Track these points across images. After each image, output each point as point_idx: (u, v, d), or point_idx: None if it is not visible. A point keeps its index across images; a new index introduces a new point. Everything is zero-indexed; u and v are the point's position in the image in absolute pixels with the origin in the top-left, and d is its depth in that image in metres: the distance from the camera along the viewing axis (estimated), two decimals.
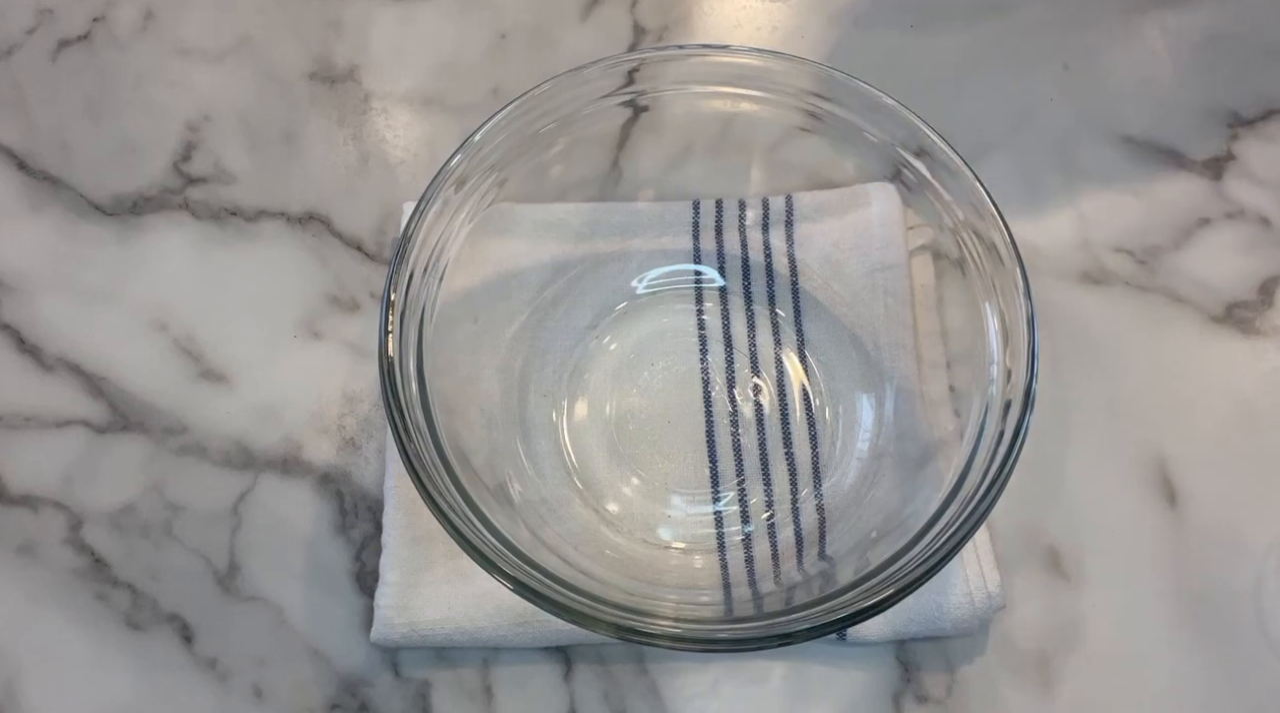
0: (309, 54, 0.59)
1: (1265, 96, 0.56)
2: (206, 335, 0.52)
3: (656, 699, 0.45)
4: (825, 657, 0.45)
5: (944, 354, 0.48)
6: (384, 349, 0.41)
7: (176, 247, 0.54)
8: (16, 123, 0.57)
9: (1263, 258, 0.53)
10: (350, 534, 0.48)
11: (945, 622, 0.44)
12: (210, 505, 0.48)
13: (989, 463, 0.40)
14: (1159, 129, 0.56)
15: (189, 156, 0.56)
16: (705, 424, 0.49)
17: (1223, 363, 0.51)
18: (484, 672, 0.45)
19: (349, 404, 0.50)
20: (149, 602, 0.47)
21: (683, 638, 0.37)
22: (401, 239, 0.43)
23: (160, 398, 0.50)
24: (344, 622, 0.46)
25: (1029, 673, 0.45)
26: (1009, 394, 0.41)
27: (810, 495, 0.47)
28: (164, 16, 0.59)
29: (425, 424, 0.41)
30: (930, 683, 0.45)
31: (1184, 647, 0.45)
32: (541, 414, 0.49)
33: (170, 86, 0.58)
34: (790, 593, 0.43)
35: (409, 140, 0.57)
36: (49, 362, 0.51)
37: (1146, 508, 0.48)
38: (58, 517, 0.48)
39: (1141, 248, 0.53)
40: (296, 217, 0.55)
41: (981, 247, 0.43)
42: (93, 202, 0.55)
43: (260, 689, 0.45)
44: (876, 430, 0.47)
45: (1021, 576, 0.47)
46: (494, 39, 0.59)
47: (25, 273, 0.53)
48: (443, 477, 0.40)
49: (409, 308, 0.43)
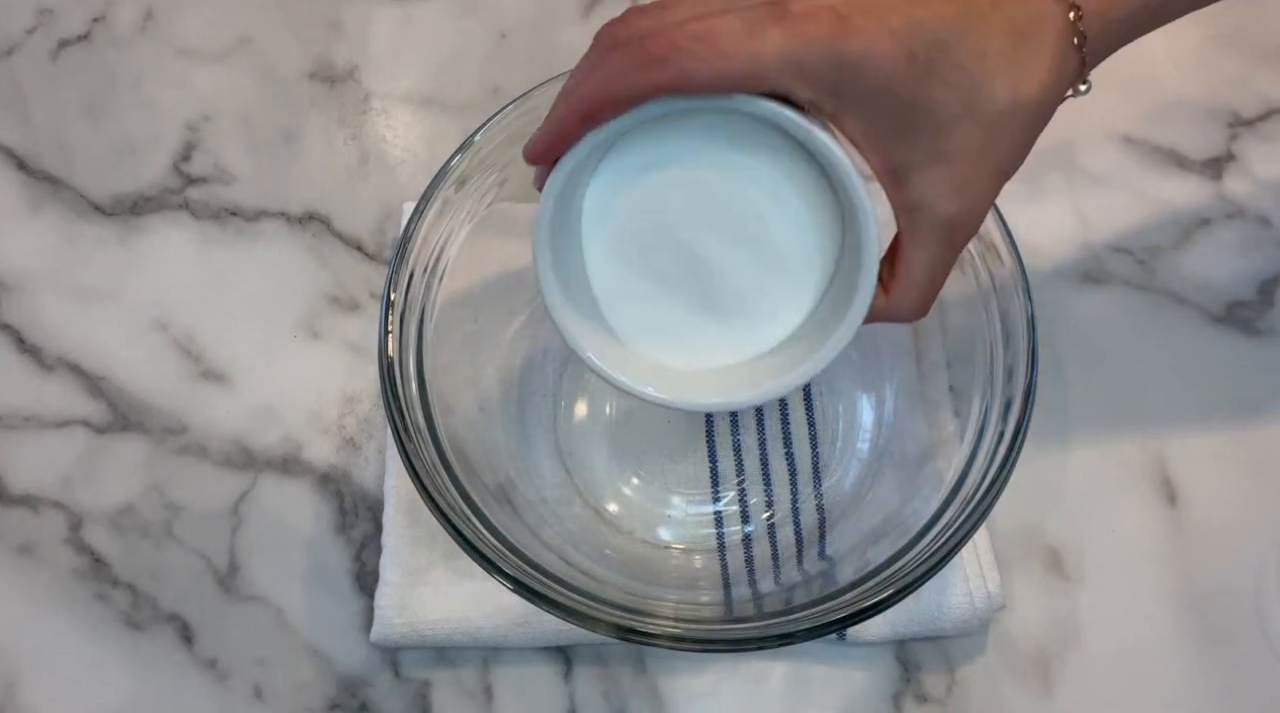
0: (309, 54, 0.59)
1: (1265, 96, 0.56)
2: (206, 335, 0.52)
3: (656, 699, 0.45)
4: (825, 657, 0.45)
5: (944, 354, 0.47)
6: (384, 349, 0.41)
7: (176, 247, 0.54)
8: (16, 123, 0.57)
9: (1263, 258, 0.53)
10: (350, 534, 0.48)
11: (945, 622, 0.44)
12: (210, 505, 0.48)
13: (989, 463, 0.40)
14: (1159, 129, 0.56)
15: (189, 156, 0.56)
16: (705, 424, 0.48)
17: (1223, 363, 0.51)
18: (484, 672, 0.45)
19: (349, 404, 0.50)
20: (149, 602, 0.47)
21: (683, 638, 0.37)
22: (401, 239, 0.43)
23: (160, 398, 0.50)
24: (344, 622, 0.46)
25: (1029, 673, 0.45)
26: (1009, 394, 0.41)
27: (810, 495, 0.47)
28: (164, 16, 0.59)
29: (425, 424, 0.41)
30: (930, 683, 0.45)
31: (1184, 647, 0.45)
32: (541, 414, 0.49)
33: (170, 86, 0.58)
34: (790, 593, 0.43)
35: (409, 140, 0.57)
36: (49, 362, 0.51)
37: (1146, 508, 0.48)
38: (58, 517, 0.48)
39: (1141, 248, 0.53)
40: (296, 217, 0.55)
41: (981, 246, 0.43)
42: (93, 202, 0.55)
43: (260, 689, 0.45)
44: (876, 430, 0.47)
45: (1021, 576, 0.47)
46: (494, 39, 0.59)
47: (25, 273, 0.53)
48: (443, 477, 0.40)
49: (409, 308, 0.42)
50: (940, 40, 0.31)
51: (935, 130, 0.32)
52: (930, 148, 0.32)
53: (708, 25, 0.30)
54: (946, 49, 0.31)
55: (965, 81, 0.31)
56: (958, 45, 0.31)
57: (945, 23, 0.31)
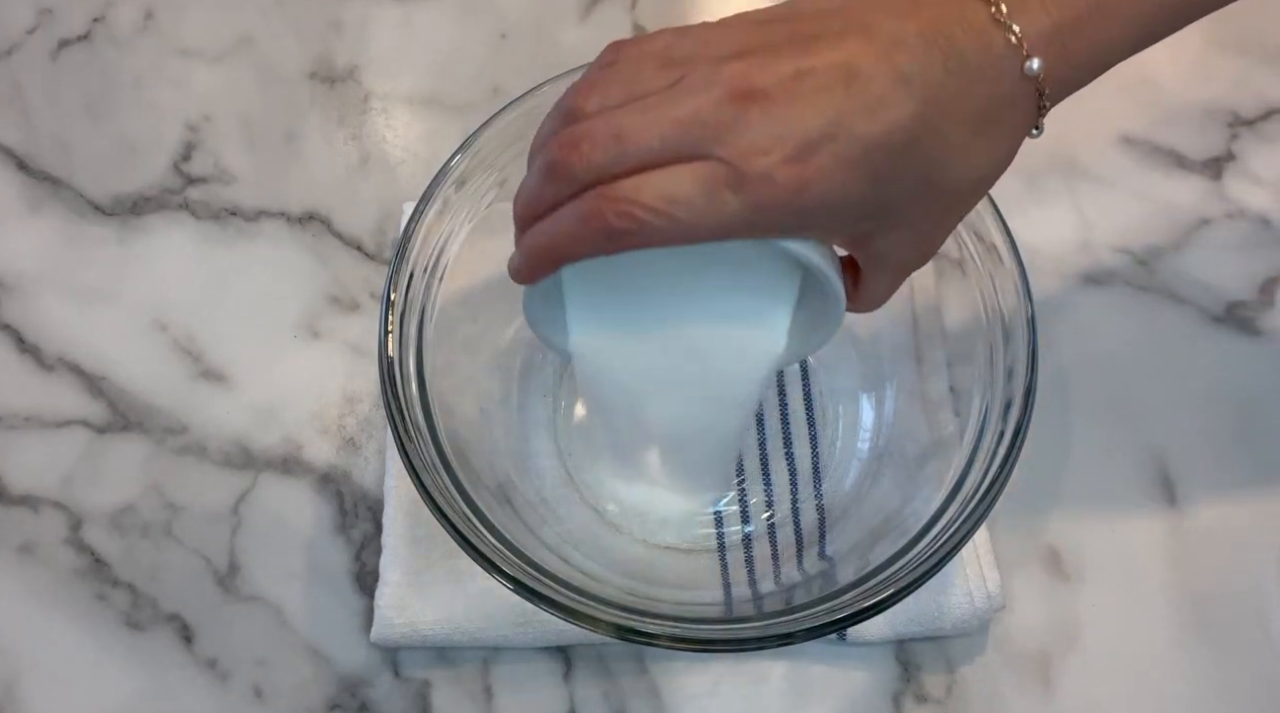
0: (309, 54, 0.59)
1: (1265, 96, 0.56)
2: (206, 335, 0.52)
3: (656, 699, 0.45)
4: (825, 657, 0.45)
5: (944, 354, 0.47)
6: (384, 349, 0.41)
7: (176, 247, 0.54)
8: (16, 123, 0.57)
9: (1263, 258, 0.53)
10: (350, 534, 0.48)
11: (945, 622, 0.44)
12: (210, 505, 0.48)
13: (989, 463, 0.40)
14: (1159, 129, 0.56)
15: (189, 156, 0.56)
16: None
17: (1223, 363, 0.51)
18: (484, 672, 0.45)
19: (349, 404, 0.50)
20: (149, 602, 0.47)
21: (683, 638, 0.37)
22: (401, 239, 0.43)
23: (160, 398, 0.50)
24: (344, 622, 0.46)
25: (1029, 673, 0.45)
26: (1009, 394, 0.41)
27: (810, 495, 0.47)
28: (164, 16, 0.59)
29: (425, 424, 0.41)
30: (930, 683, 0.45)
31: (1184, 647, 0.45)
32: (541, 414, 0.49)
33: (170, 86, 0.58)
34: (790, 593, 0.43)
35: (409, 140, 0.57)
36: (49, 362, 0.51)
37: (1146, 508, 0.48)
38: (58, 517, 0.48)
39: (1141, 248, 0.53)
40: (296, 217, 0.55)
41: (981, 247, 0.43)
42: (93, 202, 0.55)
43: (260, 689, 0.45)
44: (876, 430, 0.47)
45: (1021, 576, 0.47)
46: (494, 39, 0.59)
47: (25, 273, 0.53)
48: (443, 477, 0.40)
49: (409, 308, 0.42)
50: (900, 148, 0.31)
51: (896, 211, 0.33)
52: (890, 222, 0.33)
53: (665, 193, 0.31)
54: (906, 153, 0.31)
55: (924, 170, 0.32)
56: (918, 146, 0.31)
57: (905, 132, 0.31)
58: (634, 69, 0.32)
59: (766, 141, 0.30)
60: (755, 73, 0.31)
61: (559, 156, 0.32)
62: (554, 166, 0.32)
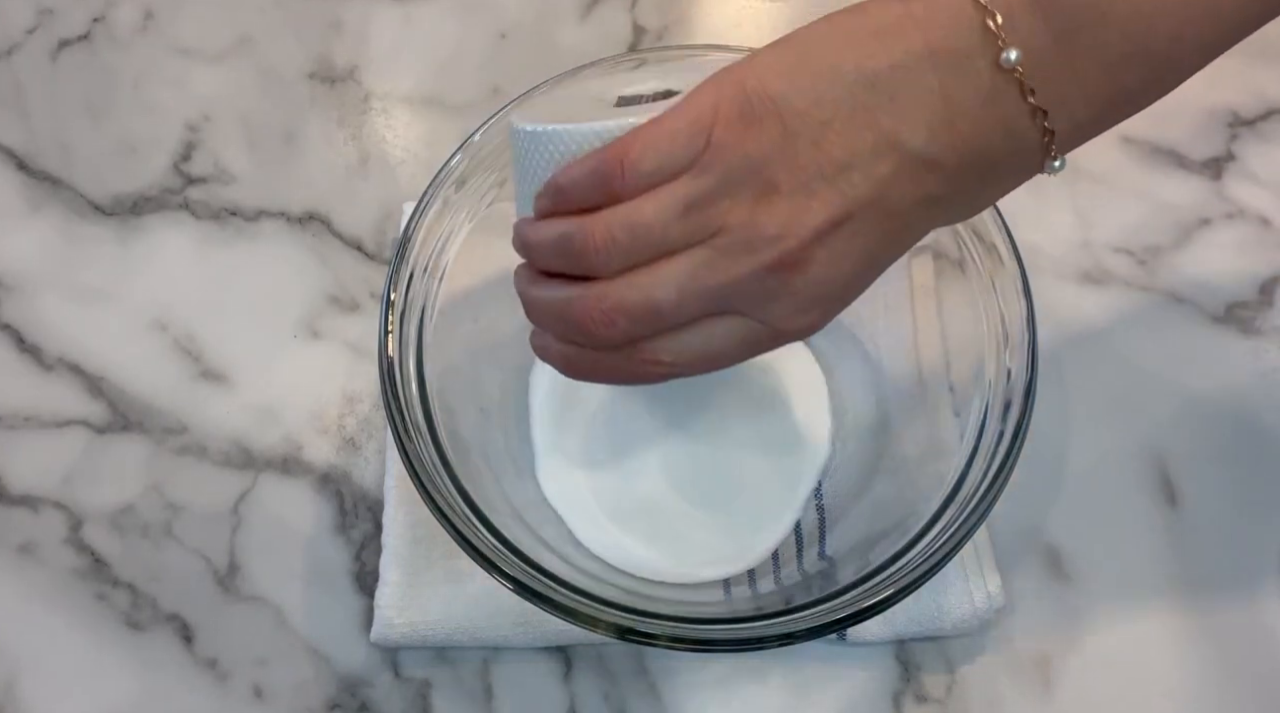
0: (309, 54, 0.59)
1: (1265, 96, 0.56)
2: (206, 335, 0.52)
3: (656, 699, 0.45)
4: (825, 657, 0.45)
5: (944, 354, 0.47)
6: (384, 349, 0.41)
7: (176, 247, 0.54)
8: (16, 123, 0.57)
9: (1263, 258, 0.53)
10: (350, 534, 0.48)
11: (945, 622, 0.44)
12: (210, 505, 0.48)
13: (989, 463, 0.40)
14: (1159, 129, 0.56)
15: (189, 156, 0.56)
16: None
17: (1223, 363, 0.51)
18: (484, 672, 0.45)
19: (349, 404, 0.50)
20: (149, 602, 0.47)
21: (683, 638, 0.37)
22: (401, 239, 0.43)
23: (160, 398, 0.50)
24: (344, 622, 0.46)
25: (1029, 673, 0.45)
26: (1009, 394, 0.41)
27: (810, 495, 0.47)
28: (164, 16, 0.59)
29: (425, 424, 0.41)
30: (930, 683, 0.45)
31: (1184, 647, 0.45)
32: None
33: (170, 86, 0.58)
34: (790, 593, 0.43)
35: (409, 140, 0.57)
36: (49, 362, 0.51)
37: (1146, 508, 0.48)
38: (58, 517, 0.48)
39: (1141, 248, 0.53)
40: (296, 217, 0.55)
41: (981, 247, 0.43)
42: (93, 202, 0.55)
43: (260, 689, 0.45)
44: (876, 430, 0.47)
45: (1021, 576, 0.47)
46: (494, 39, 0.59)
47: (25, 273, 0.53)
48: (442, 477, 0.40)
49: (409, 308, 0.43)
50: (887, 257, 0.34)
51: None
52: None
53: (706, 354, 0.34)
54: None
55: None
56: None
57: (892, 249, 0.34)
58: (653, 215, 0.32)
59: (808, 304, 0.33)
60: (793, 227, 0.31)
61: (591, 330, 0.33)
62: (587, 334, 0.34)
